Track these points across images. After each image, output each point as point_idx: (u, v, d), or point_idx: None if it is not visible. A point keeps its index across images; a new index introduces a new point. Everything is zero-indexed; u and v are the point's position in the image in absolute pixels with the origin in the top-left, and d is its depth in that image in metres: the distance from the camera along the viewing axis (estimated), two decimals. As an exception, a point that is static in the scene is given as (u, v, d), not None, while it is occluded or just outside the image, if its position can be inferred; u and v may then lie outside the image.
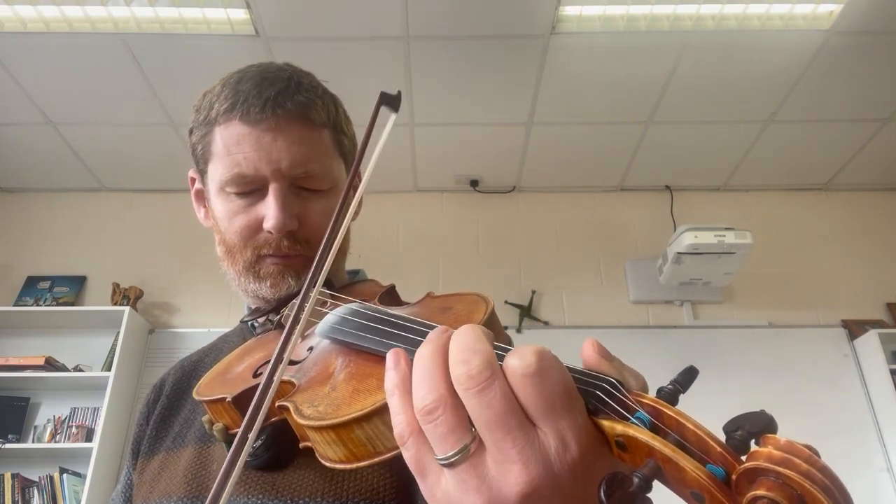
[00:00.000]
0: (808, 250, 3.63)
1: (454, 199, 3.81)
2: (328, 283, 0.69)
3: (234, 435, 0.59)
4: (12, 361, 3.04)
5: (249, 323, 0.79)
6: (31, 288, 3.46)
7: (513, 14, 2.65)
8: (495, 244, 3.68)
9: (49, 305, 3.36)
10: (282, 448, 0.60)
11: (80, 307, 3.38)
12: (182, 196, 3.75)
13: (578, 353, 0.38)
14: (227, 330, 0.90)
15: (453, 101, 3.14)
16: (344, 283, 0.80)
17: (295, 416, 0.46)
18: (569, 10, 2.65)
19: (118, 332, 3.12)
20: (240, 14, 2.66)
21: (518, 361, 0.33)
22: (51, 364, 3.07)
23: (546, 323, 3.39)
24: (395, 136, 3.32)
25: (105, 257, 3.58)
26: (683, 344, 3.26)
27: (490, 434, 0.32)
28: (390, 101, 0.57)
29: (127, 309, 3.17)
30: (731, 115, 3.24)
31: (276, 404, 0.50)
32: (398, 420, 0.36)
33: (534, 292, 3.47)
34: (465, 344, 0.34)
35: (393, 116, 0.57)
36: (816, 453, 0.28)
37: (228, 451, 0.61)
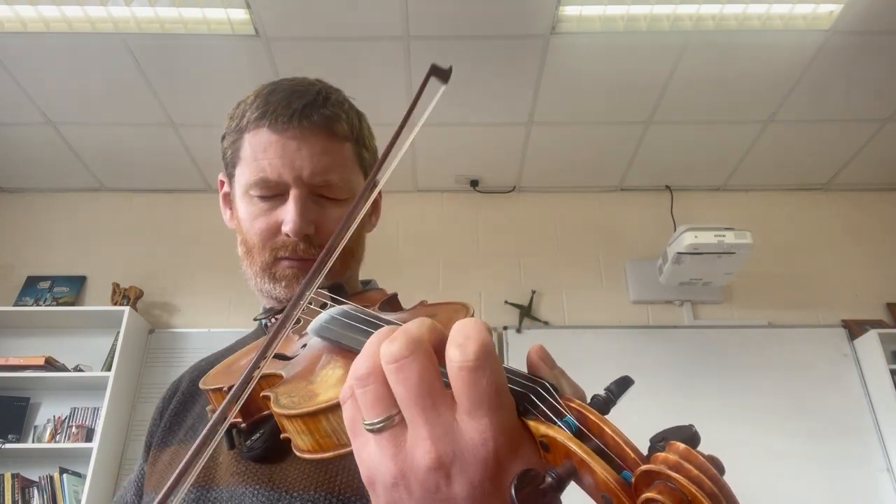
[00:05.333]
0: (808, 250, 3.63)
1: (454, 199, 3.81)
2: (340, 289, 0.72)
3: (233, 425, 0.60)
4: (12, 361, 3.04)
5: (263, 323, 0.83)
6: (31, 288, 3.46)
7: (513, 14, 2.66)
8: (495, 244, 3.68)
9: (49, 305, 3.36)
10: (279, 441, 0.62)
11: (80, 307, 3.38)
12: (182, 196, 3.76)
13: (578, 353, 0.39)
14: (229, 330, 0.92)
15: (453, 101, 3.14)
16: (356, 291, 0.84)
17: (272, 405, 0.48)
18: (569, 10, 2.65)
19: (118, 332, 3.12)
20: (240, 14, 2.66)
21: (457, 354, 0.34)
22: (51, 364, 3.07)
23: (546, 323, 3.39)
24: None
25: (105, 257, 3.58)
26: (683, 344, 3.26)
27: (405, 410, 0.35)
28: (441, 74, 0.58)
29: (127, 309, 3.17)
30: (731, 115, 3.24)
31: (262, 394, 0.52)
32: (346, 384, 0.38)
33: (534, 292, 3.48)
34: (404, 329, 0.36)
35: (442, 88, 0.58)
36: (717, 465, 0.30)
37: (227, 442, 0.62)
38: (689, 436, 0.31)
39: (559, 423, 0.34)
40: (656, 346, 3.25)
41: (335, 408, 0.42)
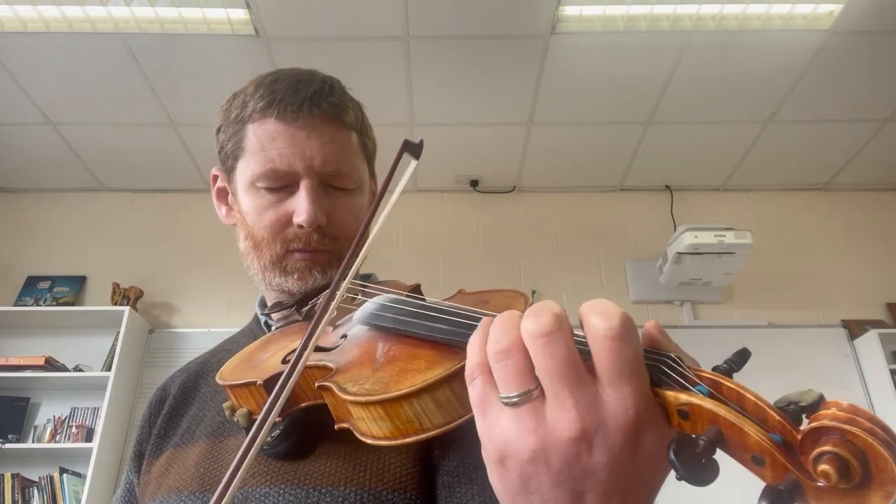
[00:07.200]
0: (808, 250, 3.63)
1: (454, 199, 3.81)
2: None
3: (251, 423, 0.58)
4: (12, 361, 3.04)
5: (263, 321, 0.82)
6: (31, 288, 3.46)
7: (513, 14, 2.66)
8: (495, 244, 3.68)
9: (49, 305, 3.36)
10: (302, 437, 0.60)
11: (80, 307, 3.38)
12: (182, 196, 3.76)
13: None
14: (228, 330, 0.91)
15: (453, 101, 3.14)
16: (377, 282, 0.82)
17: (339, 394, 0.48)
18: (569, 10, 2.65)
19: (118, 332, 3.12)
20: (240, 14, 2.66)
21: (603, 323, 0.36)
22: (51, 364, 3.07)
23: (546, 323, 3.39)
24: (396, 137, 3.33)
25: (105, 257, 3.58)
26: (683, 344, 3.18)
27: (551, 383, 0.35)
28: (413, 149, 0.60)
29: (127, 309, 3.17)
30: (731, 115, 3.24)
31: (317, 384, 0.52)
32: (473, 359, 0.39)
33: (534, 292, 3.47)
34: (540, 305, 0.38)
35: (414, 163, 0.60)
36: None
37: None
38: (818, 397, 0.33)
39: (694, 390, 0.35)
40: (656, 346, 3.25)
41: (419, 393, 0.43)
